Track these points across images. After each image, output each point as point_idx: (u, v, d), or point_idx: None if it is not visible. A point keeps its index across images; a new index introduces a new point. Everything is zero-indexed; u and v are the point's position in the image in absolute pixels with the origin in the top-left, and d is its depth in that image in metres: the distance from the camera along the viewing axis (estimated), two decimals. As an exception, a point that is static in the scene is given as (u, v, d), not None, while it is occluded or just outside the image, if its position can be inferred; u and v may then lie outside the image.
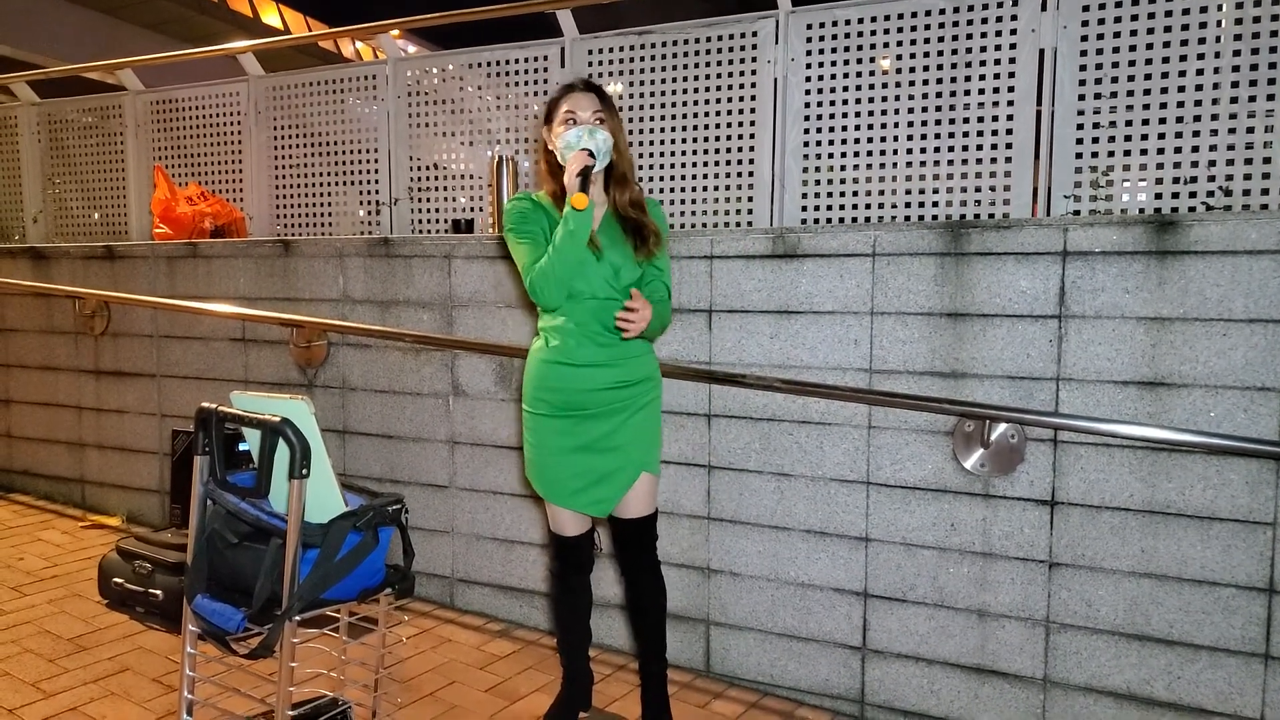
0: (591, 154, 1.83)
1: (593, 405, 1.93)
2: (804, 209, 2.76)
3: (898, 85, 2.60)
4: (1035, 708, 2.12)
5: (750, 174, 2.83)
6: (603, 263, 1.90)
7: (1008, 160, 2.49)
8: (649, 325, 1.86)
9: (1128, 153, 2.34)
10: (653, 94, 2.96)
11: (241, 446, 2.06)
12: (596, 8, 3.10)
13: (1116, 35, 2.32)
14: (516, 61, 3.22)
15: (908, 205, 2.62)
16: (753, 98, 2.81)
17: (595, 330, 1.92)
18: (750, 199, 2.84)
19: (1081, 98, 2.37)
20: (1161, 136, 2.30)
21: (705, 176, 2.91)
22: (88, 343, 3.79)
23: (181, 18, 17.39)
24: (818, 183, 2.74)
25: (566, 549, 2.06)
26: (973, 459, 2.14)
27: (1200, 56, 2.25)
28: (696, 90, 2.89)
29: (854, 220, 2.70)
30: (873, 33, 2.62)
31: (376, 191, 3.55)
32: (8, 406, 4.12)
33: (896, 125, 2.61)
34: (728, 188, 2.87)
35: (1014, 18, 2.45)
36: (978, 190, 2.53)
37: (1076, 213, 2.39)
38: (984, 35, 2.49)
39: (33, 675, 2.37)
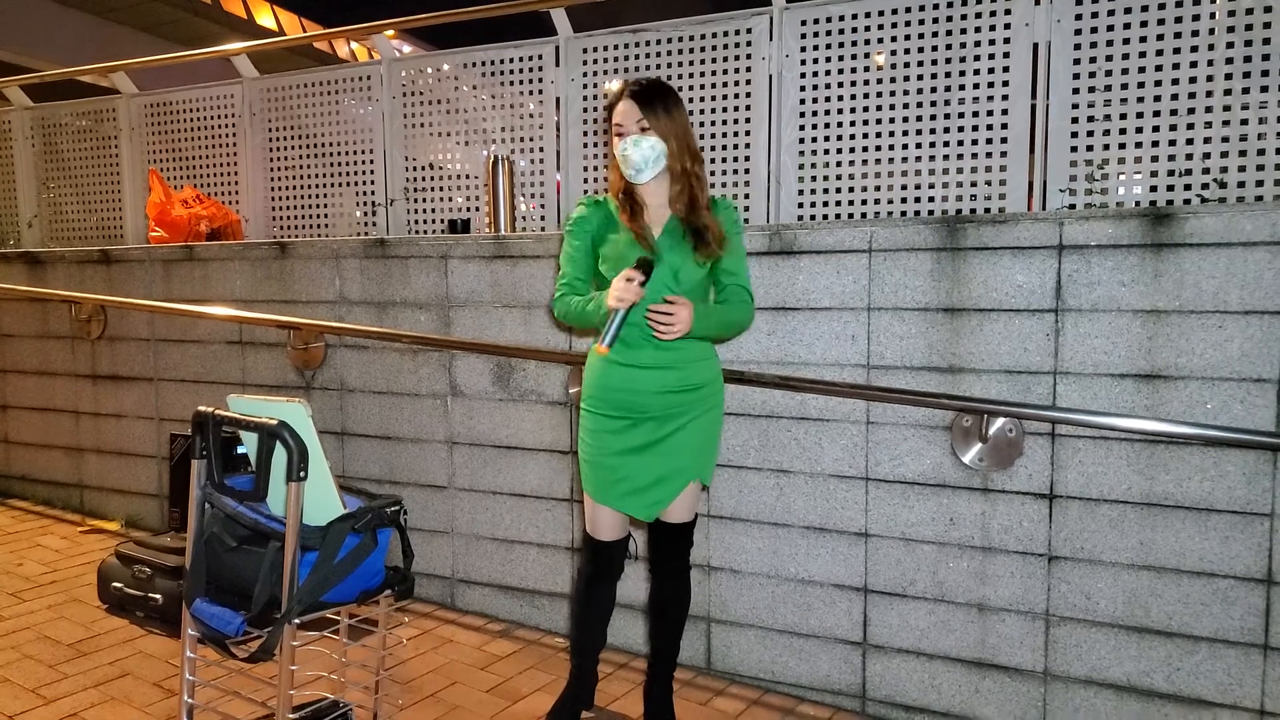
0: (642, 265, 1.79)
1: (651, 408, 1.91)
2: (800, 205, 2.76)
3: (892, 81, 2.60)
4: (1036, 701, 2.12)
5: (746, 171, 2.84)
6: (662, 266, 1.88)
7: (1003, 155, 2.49)
8: (704, 326, 1.85)
9: (1122, 146, 2.34)
10: (647, 92, 2.95)
11: (239, 450, 2.06)
12: (592, 6, 3.10)
13: (1110, 29, 2.33)
14: (511, 61, 3.22)
15: (904, 201, 2.63)
16: (748, 95, 2.81)
17: (652, 333, 1.90)
18: (747, 196, 2.84)
19: (1076, 91, 2.38)
20: (1156, 129, 2.30)
21: (701, 174, 2.90)
22: (84, 347, 3.79)
23: (175, 20, 17.36)
24: (814, 179, 2.74)
25: (600, 553, 2.03)
26: (971, 453, 2.14)
27: (1194, 49, 2.25)
28: (691, 88, 2.89)
29: (850, 216, 2.70)
30: (866, 28, 2.62)
31: (372, 192, 3.54)
32: (5, 412, 4.12)
33: (892, 121, 2.61)
34: (724, 185, 2.87)
35: (1008, 12, 2.45)
36: (973, 185, 2.53)
37: (1072, 206, 2.39)
38: (978, 30, 2.49)
39: (33, 681, 2.37)
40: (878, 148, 2.64)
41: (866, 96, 2.64)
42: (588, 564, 2.06)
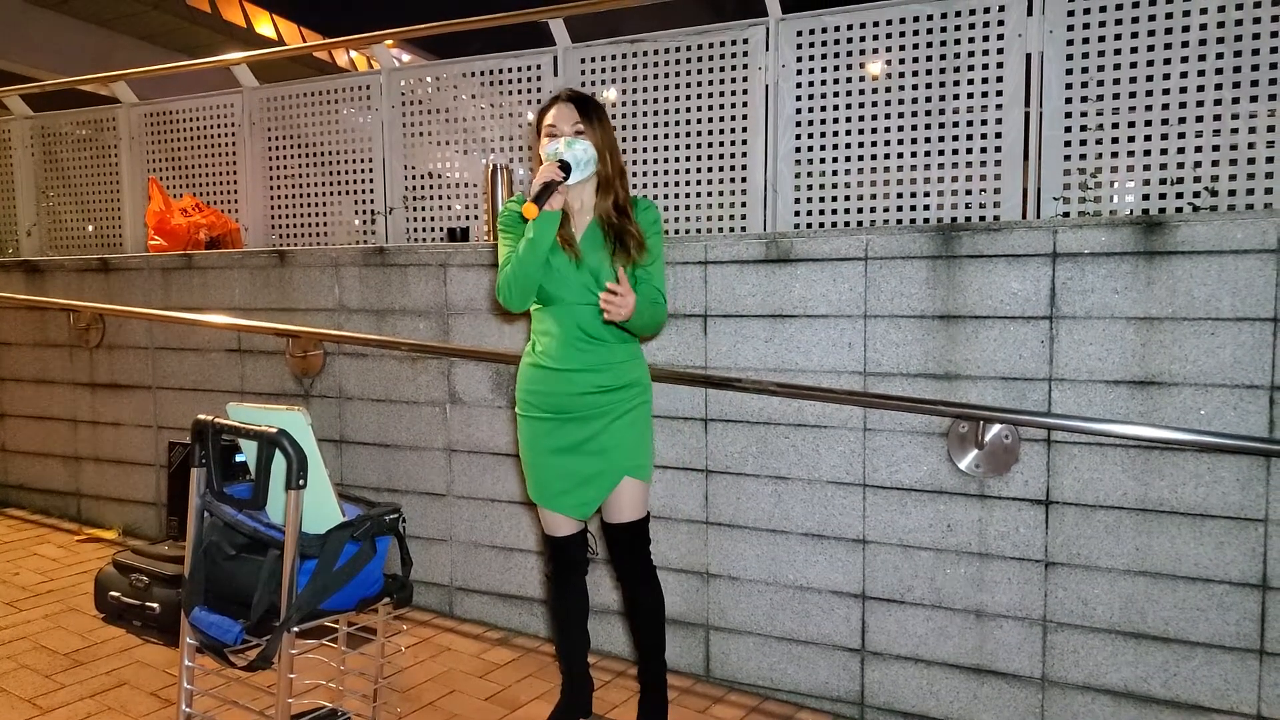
0: (564, 165, 1.86)
1: (575, 409, 1.95)
2: (796, 214, 2.78)
3: (888, 90, 2.63)
4: (1034, 707, 2.13)
5: (743, 180, 2.86)
6: (582, 269, 1.92)
7: (997, 163, 2.51)
8: (636, 321, 1.87)
9: (1115, 154, 2.37)
10: (645, 101, 2.98)
11: (238, 458, 2.07)
12: (591, 16, 3.13)
13: (1102, 39, 2.35)
14: (510, 70, 3.24)
15: (899, 209, 2.65)
16: (744, 104, 2.83)
17: (576, 335, 1.95)
18: (743, 204, 2.86)
19: (1069, 101, 2.40)
20: (1148, 138, 2.33)
21: (699, 183, 2.93)
22: (83, 356, 3.79)
23: (175, 29, 17.43)
24: (810, 188, 2.76)
25: (558, 549, 2.08)
26: (967, 460, 2.15)
27: (1184, 59, 2.28)
28: (689, 98, 2.91)
29: (846, 224, 2.72)
30: (862, 39, 2.65)
31: (371, 201, 3.56)
32: (2, 420, 4.11)
33: (887, 130, 2.63)
34: (721, 194, 2.89)
35: (1001, 22, 2.47)
36: (968, 193, 2.55)
37: (1066, 214, 2.41)
38: (971, 40, 2.51)
39: (29, 691, 2.37)
40: (873, 156, 2.66)
41: (862, 106, 2.66)
42: (549, 561, 2.11)
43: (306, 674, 2.16)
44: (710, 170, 2.90)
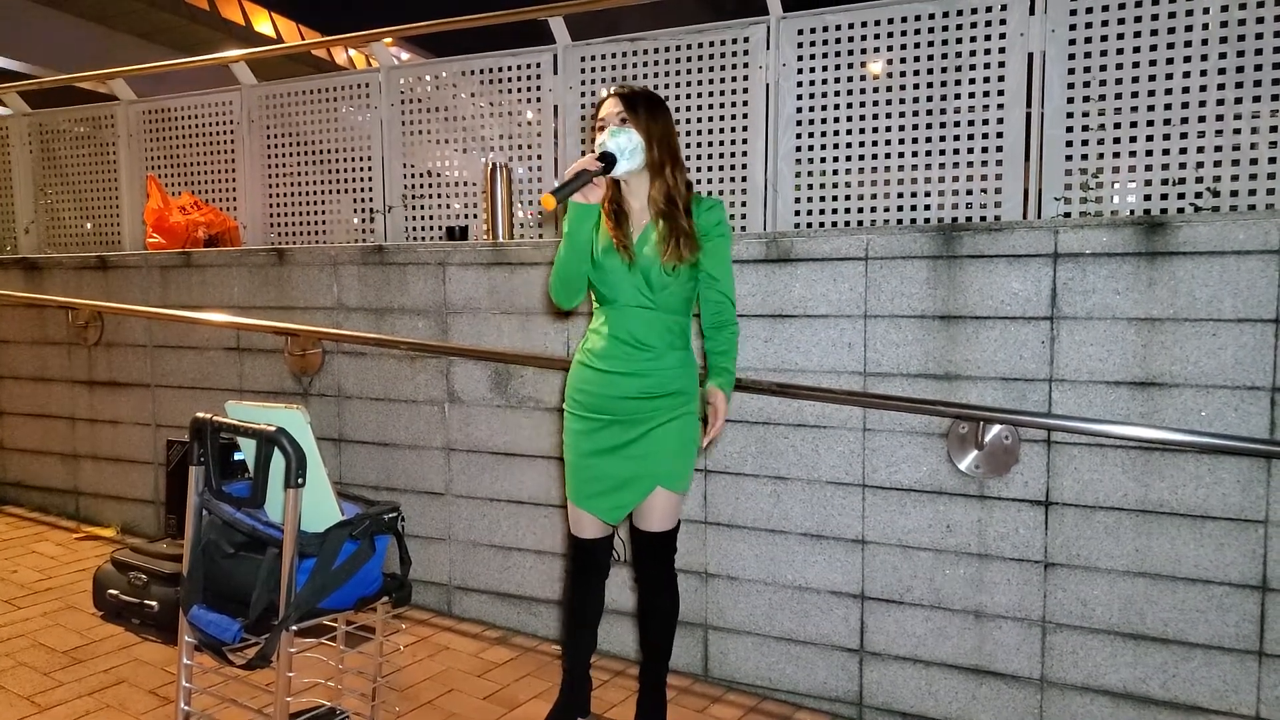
0: (604, 157, 1.79)
1: (618, 412, 1.92)
2: (797, 213, 2.78)
3: (889, 89, 2.62)
4: (1032, 708, 2.13)
5: (743, 179, 2.85)
6: (634, 271, 1.89)
7: (998, 163, 2.51)
8: (732, 373, 1.95)
9: (1117, 154, 2.36)
10: (645, 100, 2.96)
11: (237, 456, 2.06)
12: (590, 15, 3.12)
13: (1104, 39, 2.35)
14: (509, 69, 3.23)
15: (900, 209, 2.64)
16: (745, 103, 2.82)
17: (625, 338, 1.91)
18: (744, 204, 2.86)
19: (1070, 100, 2.40)
20: (1150, 139, 2.32)
21: (699, 182, 2.92)
22: (81, 353, 3.78)
23: (174, 27, 17.42)
24: (810, 187, 2.76)
25: (583, 551, 2.04)
26: (967, 460, 2.15)
27: (1186, 59, 2.28)
28: (689, 96, 2.90)
29: (847, 224, 2.72)
30: (863, 38, 2.65)
31: (370, 199, 3.55)
32: (0, 418, 4.11)
33: (888, 129, 2.63)
34: (721, 193, 2.89)
35: (1003, 22, 2.47)
36: (969, 193, 2.55)
37: (1067, 215, 2.41)
38: (973, 39, 2.51)
39: (28, 689, 2.36)
40: (874, 156, 2.66)
41: (863, 105, 2.66)
42: (571, 562, 2.09)
43: (305, 673, 2.16)
44: (710, 170, 2.89)
